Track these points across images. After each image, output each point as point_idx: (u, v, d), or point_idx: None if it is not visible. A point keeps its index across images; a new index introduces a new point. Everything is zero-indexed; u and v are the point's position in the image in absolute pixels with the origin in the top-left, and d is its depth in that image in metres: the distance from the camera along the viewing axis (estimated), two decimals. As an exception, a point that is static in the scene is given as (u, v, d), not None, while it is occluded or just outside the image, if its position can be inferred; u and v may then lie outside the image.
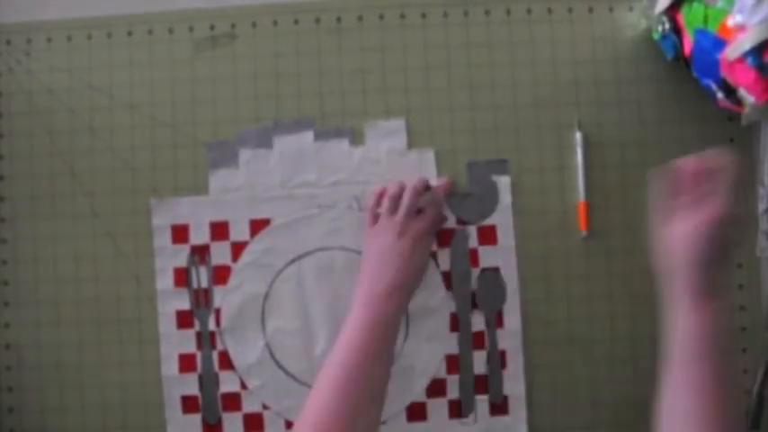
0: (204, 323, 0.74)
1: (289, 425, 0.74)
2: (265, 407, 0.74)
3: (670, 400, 0.53)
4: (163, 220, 0.75)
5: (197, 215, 0.75)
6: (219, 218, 0.75)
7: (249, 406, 0.74)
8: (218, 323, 0.74)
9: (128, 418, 0.74)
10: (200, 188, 0.75)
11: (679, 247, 0.55)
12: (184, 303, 0.75)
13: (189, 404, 0.74)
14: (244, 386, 0.74)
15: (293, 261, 0.75)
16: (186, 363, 0.74)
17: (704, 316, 0.53)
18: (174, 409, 0.74)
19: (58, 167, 0.76)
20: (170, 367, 0.74)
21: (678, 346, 0.54)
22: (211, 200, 0.75)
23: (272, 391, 0.74)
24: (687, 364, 0.53)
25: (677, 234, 0.56)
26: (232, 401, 0.74)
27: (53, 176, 0.76)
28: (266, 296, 0.74)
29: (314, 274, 0.74)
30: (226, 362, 0.74)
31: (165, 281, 0.75)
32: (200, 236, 0.75)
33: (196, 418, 0.74)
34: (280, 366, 0.74)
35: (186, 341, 0.74)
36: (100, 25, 0.76)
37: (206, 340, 0.74)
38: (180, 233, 0.75)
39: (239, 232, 0.75)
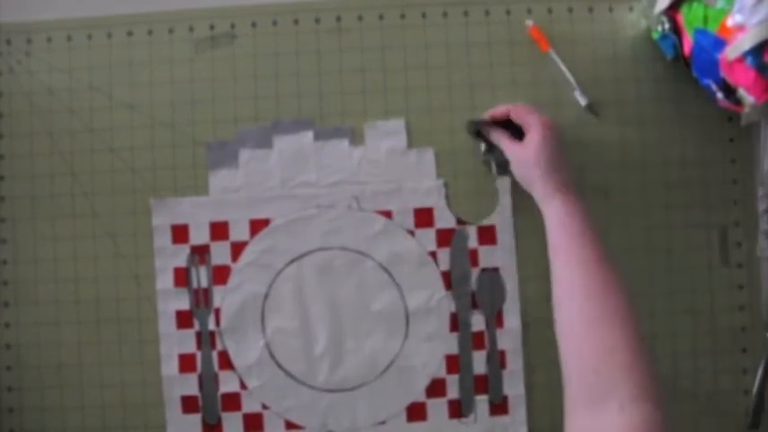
0: (204, 323, 0.74)
1: (288, 425, 0.74)
2: (265, 407, 0.74)
3: (558, 283, 0.62)
4: (163, 219, 0.75)
5: (197, 215, 0.75)
6: (219, 218, 0.75)
7: (249, 406, 0.74)
8: (217, 323, 0.74)
9: (128, 418, 0.74)
10: (201, 188, 0.75)
11: (531, 160, 0.68)
12: (184, 303, 0.75)
13: (189, 404, 0.74)
14: (243, 386, 0.74)
15: (293, 261, 0.75)
16: (186, 363, 0.74)
17: (566, 204, 0.65)
18: (174, 410, 0.74)
19: (58, 167, 0.76)
20: (170, 367, 0.74)
21: (554, 234, 0.65)
22: (211, 200, 0.75)
23: (272, 391, 0.74)
24: (565, 246, 0.63)
25: (527, 152, 0.68)
26: (232, 401, 0.74)
27: (53, 176, 0.76)
28: (266, 296, 0.74)
29: (314, 274, 0.74)
30: (225, 362, 0.74)
31: (165, 281, 0.75)
32: (200, 236, 0.75)
33: (196, 418, 0.74)
34: (280, 366, 0.74)
35: (186, 341, 0.74)
36: (100, 25, 0.76)
37: (206, 340, 0.74)
38: (180, 233, 0.75)
39: (239, 232, 0.75)
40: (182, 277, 0.75)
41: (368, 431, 0.74)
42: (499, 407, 0.74)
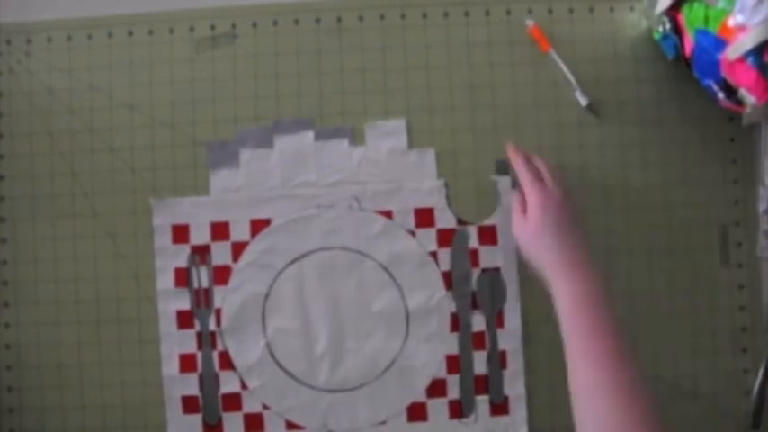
0: (204, 323, 0.74)
1: (289, 425, 0.74)
2: (266, 407, 0.74)
3: (575, 375, 0.58)
4: (163, 219, 0.75)
5: (197, 215, 0.75)
6: (220, 218, 0.75)
7: (249, 406, 0.74)
8: (218, 323, 0.74)
9: (128, 418, 0.74)
10: (201, 188, 0.75)
11: (532, 239, 0.64)
12: (185, 303, 0.74)
13: (189, 404, 0.74)
14: (244, 386, 0.74)
15: (294, 261, 0.74)
16: (186, 363, 0.74)
17: (578, 287, 0.60)
18: (174, 410, 0.74)
19: (58, 167, 0.75)
20: (170, 367, 0.74)
21: (566, 320, 0.60)
22: (212, 200, 0.75)
23: (273, 391, 0.74)
24: (579, 336, 0.58)
25: (528, 229, 0.64)
26: (232, 401, 0.74)
27: (53, 176, 0.75)
28: (267, 296, 0.74)
29: (314, 275, 0.74)
30: (226, 362, 0.74)
31: (165, 281, 0.75)
32: (200, 236, 0.75)
33: (197, 419, 0.74)
34: (280, 366, 0.74)
35: (187, 341, 0.74)
36: (100, 25, 0.76)
37: (206, 340, 0.74)
38: (180, 233, 0.75)
39: (240, 232, 0.75)
40: (182, 277, 0.74)
41: (368, 431, 0.74)
42: (500, 407, 0.74)
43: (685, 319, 0.75)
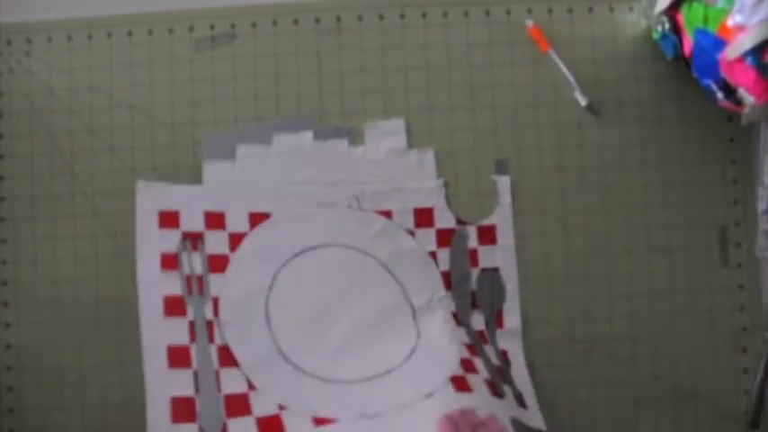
0: (200, 312, 0.71)
1: (317, 421, 0.67)
2: (281, 407, 0.69)
3: None
4: (151, 204, 0.73)
5: (191, 204, 0.73)
6: (215, 208, 0.73)
7: (262, 408, 0.68)
8: (215, 313, 0.72)
9: (128, 417, 0.74)
10: (200, 188, 0.75)
11: None
12: (175, 288, 0.71)
13: (181, 409, 0.69)
14: (251, 386, 0.70)
15: (294, 257, 0.74)
16: (177, 357, 0.70)
17: None
18: (158, 416, 0.67)
19: (58, 167, 0.75)
20: (156, 363, 0.69)
21: None
22: (207, 191, 0.73)
23: (287, 388, 0.69)
24: None
25: None
26: (239, 404, 0.69)
27: (53, 176, 0.76)
28: (270, 288, 0.73)
29: (315, 269, 0.74)
30: (227, 357, 0.70)
31: (150, 265, 0.71)
32: (193, 223, 0.73)
33: (191, 428, 0.68)
34: (288, 361, 0.71)
35: (176, 331, 0.70)
36: (100, 25, 0.76)
37: (201, 332, 0.71)
38: (169, 219, 0.73)
39: (237, 223, 0.73)
40: (170, 262, 0.71)
41: (414, 405, 0.67)
42: (499, 407, 0.74)
43: (685, 319, 0.75)
